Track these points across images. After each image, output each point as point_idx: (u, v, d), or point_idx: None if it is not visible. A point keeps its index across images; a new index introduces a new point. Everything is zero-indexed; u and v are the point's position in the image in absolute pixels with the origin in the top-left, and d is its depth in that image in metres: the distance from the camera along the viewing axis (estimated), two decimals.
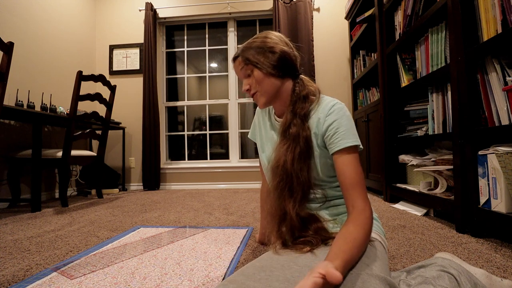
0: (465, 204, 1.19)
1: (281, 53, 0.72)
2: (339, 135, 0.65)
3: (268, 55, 0.72)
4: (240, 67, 0.76)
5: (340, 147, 0.65)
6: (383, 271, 0.52)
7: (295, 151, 0.66)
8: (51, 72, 2.65)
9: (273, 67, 0.71)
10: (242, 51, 0.75)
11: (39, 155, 1.91)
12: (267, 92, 0.73)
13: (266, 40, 0.74)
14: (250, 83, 0.75)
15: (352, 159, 0.64)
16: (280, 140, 0.71)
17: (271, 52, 0.72)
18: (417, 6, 1.64)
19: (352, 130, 0.67)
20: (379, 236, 0.64)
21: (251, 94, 0.76)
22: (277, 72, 0.72)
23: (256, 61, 0.72)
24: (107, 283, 0.78)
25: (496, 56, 1.06)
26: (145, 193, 2.86)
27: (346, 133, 0.65)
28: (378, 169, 2.14)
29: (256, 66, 0.72)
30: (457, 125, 1.22)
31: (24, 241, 1.21)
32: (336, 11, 3.10)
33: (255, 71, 0.73)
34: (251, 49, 0.74)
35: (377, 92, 2.38)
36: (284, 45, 0.74)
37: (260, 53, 0.72)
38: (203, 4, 3.23)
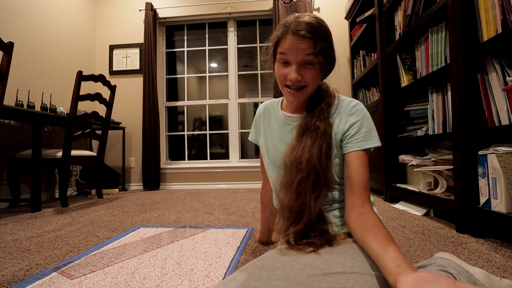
0: (465, 204, 1.19)
1: (335, 56, 0.67)
2: (360, 136, 0.65)
3: (331, 54, 0.65)
4: (307, 52, 0.62)
5: (359, 148, 0.64)
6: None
7: (322, 146, 0.63)
8: (51, 72, 2.65)
9: (330, 69, 0.69)
10: (316, 33, 0.61)
11: (39, 155, 1.91)
12: (312, 89, 0.68)
13: (328, 32, 0.64)
14: (303, 74, 0.63)
15: (366, 161, 0.64)
16: (299, 136, 0.66)
17: (332, 54, 0.66)
18: (417, 6, 1.64)
19: (373, 132, 0.66)
20: None
21: (297, 86, 0.65)
22: (326, 74, 0.70)
23: (322, 57, 0.63)
24: (107, 283, 0.78)
25: (496, 56, 1.06)
26: (145, 193, 2.86)
27: (367, 134, 0.65)
28: (378, 169, 2.14)
29: (320, 63, 0.63)
30: (457, 125, 1.22)
31: (24, 241, 1.21)
32: (336, 11, 3.10)
33: (316, 65, 0.63)
34: (324, 34, 0.63)
35: (377, 92, 2.38)
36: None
37: (327, 48, 0.64)
38: (203, 4, 3.23)
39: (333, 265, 0.50)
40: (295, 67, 0.63)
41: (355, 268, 0.48)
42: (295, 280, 0.47)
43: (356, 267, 0.49)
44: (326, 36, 0.64)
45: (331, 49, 0.66)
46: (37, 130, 1.90)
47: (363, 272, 0.47)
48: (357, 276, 0.46)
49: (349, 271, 0.47)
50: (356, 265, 0.49)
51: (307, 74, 0.64)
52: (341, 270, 0.48)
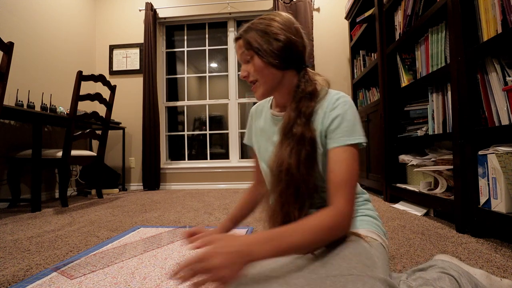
0: (465, 204, 1.19)
1: (287, 41, 0.65)
2: (341, 131, 0.61)
3: (271, 42, 0.64)
4: (240, 51, 0.68)
5: (339, 144, 0.60)
6: (384, 272, 0.52)
7: (301, 154, 0.60)
8: (51, 72, 2.65)
9: (276, 56, 0.64)
10: (244, 32, 0.67)
11: (39, 155, 1.91)
12: (266, 83, 0.67)
13: (272, 23, 0.66)
14: (249, 69, 0.67)
15: (348, 156, 0.59)
16: (281, 140, 0.64)
17: (276, 39, 0.64)
18: (417, 6, 1.64)
19: (356, 127, 0.61)
20: (379, 236, 0.63)
21: (249, 82, 0.69)
22: (280, 63, 0.65)
23: (257, 47, 0.65)
24: (107, 283, 0.78)
25: (496, 56, 1.06)
26: (145, 193, 2.86)
27: (349, 129, 0.60)
28: (378, 169, 2.14)
29: (257, 53, 0.65)
30: (457, 125, 1.22)
31: (24, 241, 1.21)
32: (336, 11, 3.10)
33: (256, 58, 0.65)
34: (254, 31, 0.66)
35: (377, 92, 2.38)
36: (293, 32, 0.67)
37: (263, 38, 0.65)
38: (203, 4, 3.23)
39: (330, 268, 0.49)
40: (242, 66, 0.69)
41: (353, 269, 0.48)
42: (294, 285, 0.47)
43: (354, 269, 0.48)
44: (259, 30, 0.66)
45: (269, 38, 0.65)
46: (37, 130, 1.90)
47: (361, 274, 0.47)
48: (355, 278, 0.46)
49: (346, 273, 0.47)
50: (353, 267, 0.49)
51: (249, 68, 0.67)
52: (338, 273, 0.47)
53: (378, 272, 0.49)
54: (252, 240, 0.49)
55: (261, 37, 0.65)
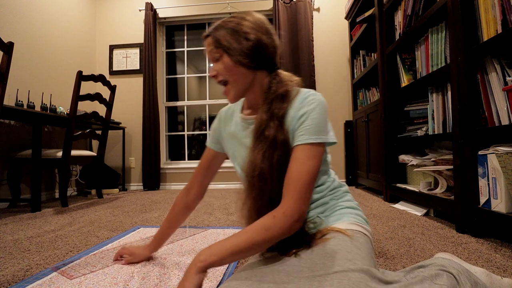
0: (465, 204, 1.19)
1: (257, 41, 0.64)
2: (303, 129, 0.59)
3: (241, 41, 0.63)
4: (209, 48, 0.67)
5: (300, 142, 0.58)
6: (368, 262, 0.52)
7: (273, 158, 0.59)
8: (51, 72, 2.65)
9: (245, 55, 0.63)
10: (214, 30, 0.66)
11: (39, 155, 1.91)
12: (237, 83, 0.66)
13: (242, 22, 0.65)
14: (218, 69, 0.66)
15: (306, 155, 0.57)
16: (253, 144, 0.62)
17: (246, 38, 0.63)
18: (417, 6, 1.64)
19: (319, 126, 0.59)
20: (360, 226, 0.63)
21: (218, 82, 0.68)
22: (249, 62, 0.64)
23: (227, 45, 0.64)
24: (107, 283, 0.78)
25: (496, 56, 1.05)
26: (145, 193, 2.86)
27: (311, 128, 0.59)
28: (378, 169, 2.14)
29: (227, 51, 0.64)
30: (457, 125, 1.22)
31: (24, 241, 1.21)
32: (336, 11, 3.10)
33: (225, 57, 0.64)
34: (224, 29, 0.65)
35: (377, 92, 2.38)
36: (263, 33, 0.66)
37: (233, 36, 0.64)
38: (203, 4, 3.24)
39: (315, 268, 0.50)
40: (211, 65, 0.69)
41: (336, 267, 0.48)
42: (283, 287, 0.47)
43: (337, 266, 0.49)
44: (228, 28, 0.65)
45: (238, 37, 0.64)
46: (37, 130, 1.90)
47: (344, 270, 0.47)
48: (339, 275, 0.46)
49: (331, 272, 0.47)
50: (337, 264, 0.49)
51: (219, 67, 0.66)
52: (324, 272, 0.48)
53: (361, 263, 0.49)
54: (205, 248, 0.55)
55: (230, 36, 0.64)
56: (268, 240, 0.54)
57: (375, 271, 0.48)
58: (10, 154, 2.10)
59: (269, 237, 0.54)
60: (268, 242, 0.55)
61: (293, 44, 3.01)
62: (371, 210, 1.70)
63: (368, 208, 1.77)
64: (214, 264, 0.53)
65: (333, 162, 3.03)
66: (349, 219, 0.64)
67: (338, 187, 0.71)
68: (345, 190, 0.73)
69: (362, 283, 0.44)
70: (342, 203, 0.68)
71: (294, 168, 0.57)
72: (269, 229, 0.54)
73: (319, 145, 0.59)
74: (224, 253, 0.53)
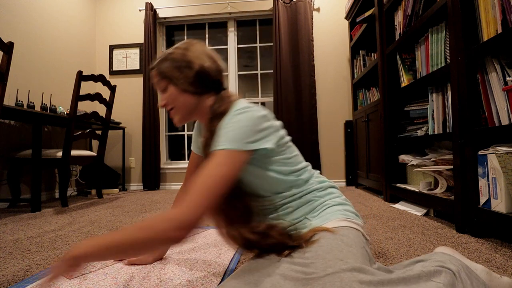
0: (465, 204, 1.19)
1: (200, 69, 0.68)
2: (218, 138, 0.60)
3: (184, 70, 0.67)
4: (155, 80, 0.71)
5: (212, 149, 0.59)
6: (360, 258, 0.52)
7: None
8: (51, 72, 2.65)
9: (190, 83, 0.67)
10: (158, 63, 0.71)
11: (39, 155, 1.91)
12: (181, 109, 0.70)
13: (185, 53, 0.69)
14: (167, 98, 0.70)
15: (215, 161, 0.56)
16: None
17: (188, 67, 0.67)
18: (417, 6, 1.64)
19: (230, 134, 0.58)
20: (351, 221, 0.63)
21: (168, 110, 0.72)
22: (194, 89, 0.68)
23: (171, 76, 0.68)
24: (107, 283, 0.78)
25: (496, 56, 1.05)
26: (145, 193, 2.86)
27: (223, 136, 0.59)
28: (378, 169, 2.14)
29: (171, 81, 0.68)
30: (457, 125, 1.22)
31: (24, 241, 1.21)
32: (336, 11, 3.10)
33: (170, 87, 0.69)
34: (167, 61, 0.69)
35: (377, 92, 2.38)
36: (205, 60, 0.69)
37: (176, 67, 0.68)
38: (203, 4, 3.24)
39: (309, 271, 0.50)
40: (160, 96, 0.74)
41: (328, 268, 0.48)
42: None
43: (328, 267, 0.49)
44: (171, 59, 0.69)
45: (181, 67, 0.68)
46: (37, 130, 1.90)
47: (336, 271, 0.47)
48: (331, 277, 0.46)
49: (322, 274, 0.48)
50: (328, 265, 0.49)
51: (166, 97, 0.71)
52: (316, 275, 0.48)
53: (353, 261, 0.50)
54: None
55: (174, 66, 0.68)
56: (145, 241, 0.50)
57: (367, 268, 0.48)
58: (10, 154, 2.10)
59: (144, 238, 0.50)
60: (146, 244, 0.50)
61: (293, 44, 3.01)
62: (371, 210, 1.70)
63: (368, 208, 1.77)
64: (88, 256, 0.51)
65: (333, 162, 3.03)
66: (337, 216, 0.64)
67: (323, 185, 0.72)
68: (327, 185, 0.73)
69: (354, 282, 0.44)
70: (329, 201, 0.68)
71: (200, 173, 0.56)
72: (145, 229, 0.50)
73: (231, 152, 0.57)
74: (100, 246, 0.50)
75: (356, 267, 0.47)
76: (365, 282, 0.44)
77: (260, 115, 0.62)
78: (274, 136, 0.64)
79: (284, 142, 0.68)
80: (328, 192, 0.71)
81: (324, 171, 3.04)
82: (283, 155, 0.68)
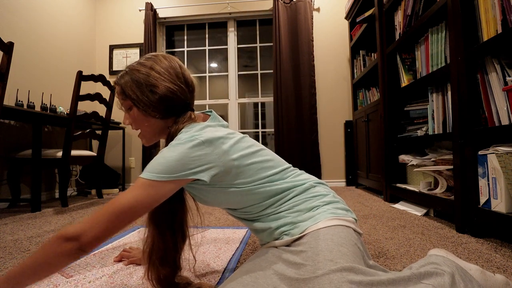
0: (465, 204, 1.19)
1: (164, 93, 0.64)
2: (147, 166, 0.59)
3: (147, 94, 0.64)
4: (119, 98, 0.68)
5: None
6: (350, 257, 0.51)
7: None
8: (51, 72, 2.65)
9: (153, 108, 0.65)
10: (120, 77, 0.68)
11: (39, 155, 1.91)
12: (147, 132, 0.69)
13: (150, 73, 0.65)
14: (131, 119, 0.68)
15: (133, 187, 0.56)
16: None
17: (152, 91, 0.64)
18: (417, 6, 1.64)
19: (156, 163, 0.57)
20: (340, 219, 0.62)
21: (134, 129, 0.70)
22: (158, 113, 0.65)
23: (134, 98, 0.65)
24: (103, 283, 0.78)
25: (496, 56, 1.05)
26: None
27: (150, 165, 0.58)
28: (378, 169, 2.14)
29: (134, 104, 0.65)
30: (457, 125, 1.22)
31: (24, 241, 1.21)
32: (336, 11, 3.10)
33: (134, 109, 0.66)
34: (131, 80, 0.66)
35: (377, 92, 2.38)
36: (172, 80, 0.66)
37: (139, 89, 0.64)
38: (203, 4, 3.24)
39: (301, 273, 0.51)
40: (124, 114, 0.70)
41: (317, 270, 0.49)
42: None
43: (318, 269, 0.49)
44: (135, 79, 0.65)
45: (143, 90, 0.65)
46: (37, 130, 1.90)
47: (325, 272, 0.47)
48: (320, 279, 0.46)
49: (312, 276, 0.48)
50: (318, 267, 0.49)
51: (129, 118, 0.69)
52: (307, 277, 0.49)
53: (343, 261, 0.49)
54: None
55: (137, 88, 0.65)
56: (47, 261, 0.51)
57: (358, 268, 0.48)
58: (10, 154, 2.10)
59: (44, 258, 0.51)
60: (49, 262, 0.51)
61: (293, 44, 3.01)
62: (371, 210, 1.69)
63: (368, 208, 1.77)
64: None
65: (333, 162, 3.03)
66: (326, 216, 0.62)
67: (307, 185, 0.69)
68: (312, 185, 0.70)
69: (344, 283, 0.44)
70: (316, 203, 0.66)
71: (118, 195, 0.56)
72: (43, 248, 0.51)
73: (151, 182, 0.56)
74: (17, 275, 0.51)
75: (346, 267, 0.47)
76: (355, 282, 0.44)
77: (194, 145, 0.58)
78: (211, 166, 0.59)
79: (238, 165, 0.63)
80: (314, 192, 0.68)
81: (324, 171, 3.04)
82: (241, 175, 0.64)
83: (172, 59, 0.70)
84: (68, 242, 0.51)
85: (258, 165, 0.66)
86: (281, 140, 2.96)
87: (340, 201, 0.70)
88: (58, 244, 0.51)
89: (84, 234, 0.51)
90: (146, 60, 0.68)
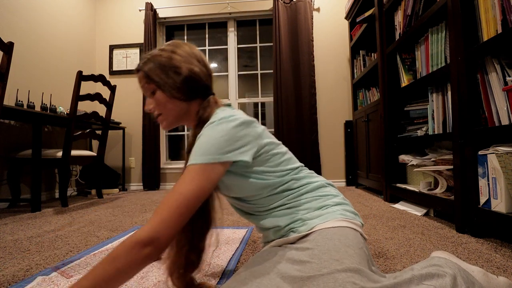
0: (465, 204, 1.19)
1: (188, 74, 0.65)
2: (193, 150, 0.58)
3: (172, 76, 0.65)
4: (141, 84, 0.69)
5: (187, 163, 0.57)
6: (356, 259, 0.51)
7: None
8: (51, 72, 2.65)
9: (178, 89, 0.65)
10: (143, 64, 0.68)
11: (39, 155, 1.91)
12: (169, 115, 0.68)
13: (172, 56, 0.66)
14: (154, 103, 0.68)
15: (187, 177, 0.55)
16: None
17: (176, 72, 0.65)
18: (417, 6, 1.64)
19: (206, 146, 0.57)
20: (349, 221, 0.63)
21: (156, 115, 0.70)
22: (183, 95, 0.66)
23: (158, 81, 0.65)
24: None
25: (496, 56, 1.05)
26: (145, 193, 2.86)
27: (197, 149, 0.57)
28: (378, 169, 2.14)
29: (159, 87, 0.66)
30: (457, 125, 1.22)
31: (24, 241, 1.21)
32: (336, 11, 3.10)
33: (158, 92, 0.66)
34: (153, 64, 0.66)
35: (377, 92, 2.38)
36: (194, 63, 0.67)
37: (163, 71, 0.65)
38: (203, 4, 3.24)
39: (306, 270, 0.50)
40: (147, 99, 0.70)
41: (322, 269, 0.48)
42: None
43: (323, 268, 0.49)
44: (158, 62, 0.66)
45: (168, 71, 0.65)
46: (37, 130, 1.90)
47: (330, 272, 0.47)
48: (325, 278, 0.46)
49: (318, 274, 0.48)
50: (323, 266, 0.49)
51: (153, 102, 0.68)
52: (312, 275, 0.48)
53: (349, 262, 0.49)
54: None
55: (161, 70, 0.65)
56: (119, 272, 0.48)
57: (363, 270, 0.48)
58: (10, 154, 2.10)
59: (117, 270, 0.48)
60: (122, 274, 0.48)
61: (293, 44, 3.01)
62: (371, 210, 1.70)
63: (368, 208, 1.77)
64: None
65: (333, 162, 3.03)
66: (335, 216, 0.63)
67: (318, 184, 0.70)
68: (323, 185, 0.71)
69: (349, 283, 0.44)
70: (327, 201, 0.67)
71: (173, 189, 0.55)
72: (116, 258, 0.49)
73: (204, 166, 0.55)
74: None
75: (352, 268, 0.47)
76: (359, 285, 0.44)
77: (236, 125, 0.59)
78: (252, 147, 0.61)
79: (267, 150, 0.65)
80: (325, 192, 0.69)
81: (324, 171, 3.04)
82: (267, 162, 0.65)
83: (192, 46, 0.71)
84: (146, 247, 0.49)
85: (282, 156, 0.68)
86: (281, 140, 2.96)
87: (349, 204, 0.70)
88: (136, 252, 0.49)
89: (160, 235, 0.50)
90: (167, 46, 0.69)
